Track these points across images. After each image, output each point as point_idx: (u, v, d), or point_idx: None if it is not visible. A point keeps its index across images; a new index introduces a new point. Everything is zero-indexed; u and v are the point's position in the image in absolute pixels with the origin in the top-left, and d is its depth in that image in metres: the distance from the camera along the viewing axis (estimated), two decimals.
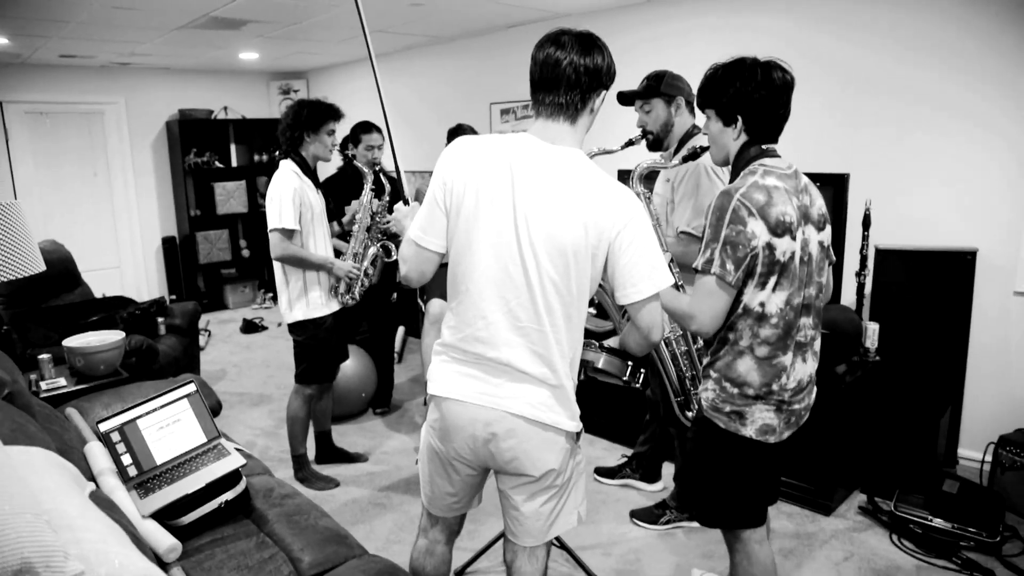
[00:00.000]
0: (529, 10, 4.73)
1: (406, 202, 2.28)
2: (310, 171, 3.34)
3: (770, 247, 1.84)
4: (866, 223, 3.52)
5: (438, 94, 6.22)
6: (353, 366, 4.29)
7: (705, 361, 2.07)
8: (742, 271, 1.84)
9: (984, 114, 3.35)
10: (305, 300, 3.30)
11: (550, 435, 1.74)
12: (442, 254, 1.80)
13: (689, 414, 2.63)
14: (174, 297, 7.49)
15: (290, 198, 3.15)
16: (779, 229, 1.83)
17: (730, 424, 1.97)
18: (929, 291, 3.45)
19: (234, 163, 7.73)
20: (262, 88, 8.14)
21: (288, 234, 3.17)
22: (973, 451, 3.47)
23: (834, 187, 3.58)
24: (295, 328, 3.36)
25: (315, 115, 3.27)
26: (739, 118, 1.93)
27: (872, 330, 3.44)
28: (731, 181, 1.98)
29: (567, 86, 1.66)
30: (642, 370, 2.18)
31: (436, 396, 1.80)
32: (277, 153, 3.31)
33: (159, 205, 7.64)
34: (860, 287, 3.60)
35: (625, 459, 3.61)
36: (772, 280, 1.87)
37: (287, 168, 3.24)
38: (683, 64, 3.00)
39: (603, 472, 3.58)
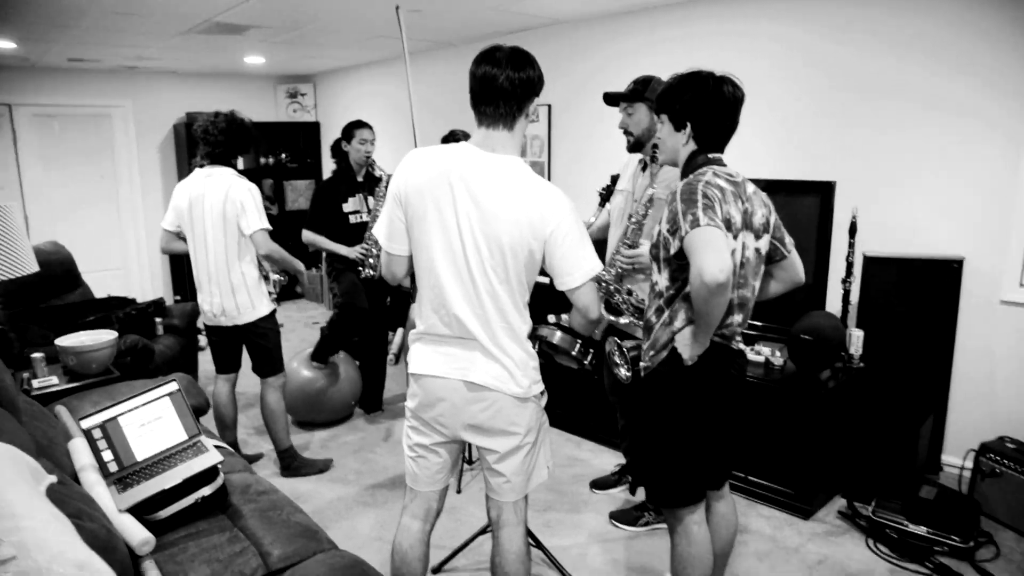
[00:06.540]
0: (529, 17, 4.78)
1: None
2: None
3: None
4: (852, 231, 3.53)
5: (443, 99, 6.26)
6: (343, 372, 4.40)
7: (645, 343, 2.14)
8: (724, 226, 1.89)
9: (971, 123, 3.36)
10: (264, 295, 3.48)
11: (512, 400, 1.95)
12: (409, 255, 2.02)
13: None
14: (178, 298, 7.59)
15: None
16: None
17: (667, 349, 2.04)
18: (916, 299, 3.46)
19: (240, 166, 7.80)
20: (269, 92, 8.25)
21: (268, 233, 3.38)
22: (957, 458, 3.47)
23: (821, 195, 3.60)
24: (267, 320, 3.51)
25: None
26: (688, 125, 2.04)
27: (856, 337, 3.46)
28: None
29: (504, 98, 1.86)
30: (592, 350, 2.34)
31: (416, 374, 2.03)
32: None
33: (165, 207, 7.71)
34: (846, 294, 3.61)
35: (619, 467, 3.62)
36: None
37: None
38: (678, 70, 3.03)
39: (600, 484, 3.53)
